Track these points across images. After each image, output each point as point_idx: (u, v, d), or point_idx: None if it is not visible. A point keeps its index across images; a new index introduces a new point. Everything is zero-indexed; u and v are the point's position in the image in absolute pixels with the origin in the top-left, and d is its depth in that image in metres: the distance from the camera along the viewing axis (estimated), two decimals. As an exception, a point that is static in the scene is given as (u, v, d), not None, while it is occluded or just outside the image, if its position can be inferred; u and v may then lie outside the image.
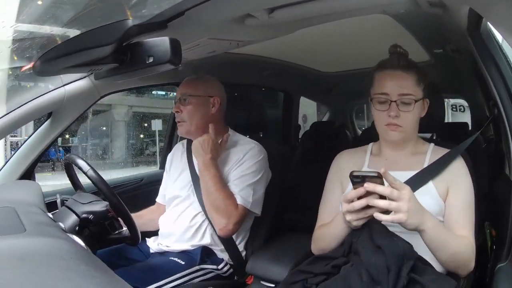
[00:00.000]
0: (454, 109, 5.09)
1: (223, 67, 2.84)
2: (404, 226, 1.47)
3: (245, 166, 2.28)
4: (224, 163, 2.32)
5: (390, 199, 1.43)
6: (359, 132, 5.46)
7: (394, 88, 1.74)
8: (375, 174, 1.43)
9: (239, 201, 2.20)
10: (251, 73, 3.46)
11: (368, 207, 1.47)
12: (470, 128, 3.70)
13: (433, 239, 1.53)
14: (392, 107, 1.73)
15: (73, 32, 1.69)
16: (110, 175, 3.46)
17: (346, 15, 1.87)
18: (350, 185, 1.81)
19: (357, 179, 1.46)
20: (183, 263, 2.17)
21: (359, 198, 1.47)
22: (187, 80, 2.44)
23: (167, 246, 2.31)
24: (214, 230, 2.26)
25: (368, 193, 1.45)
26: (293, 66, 3.52)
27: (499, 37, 1.87)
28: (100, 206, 1.90)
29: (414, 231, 1.51)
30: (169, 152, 2.73)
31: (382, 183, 1.44)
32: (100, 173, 1.91)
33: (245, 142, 2.41)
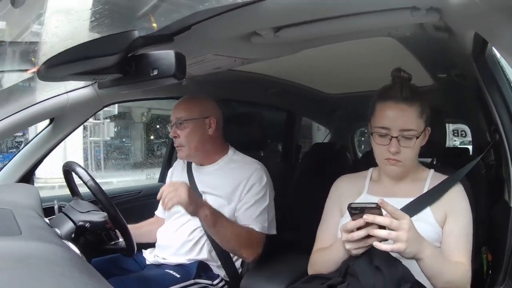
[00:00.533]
0: (456, 134, 5.11)
1: (227, 84, 2.85)
2: (402, 255, 1.46)
3: (255, 191, 2.27)
4: (229, 184, 2.30)
5: (390, 228, 1.42)
6: (360, 155, 5.46)
7: (396, 123, 1.68)
8: (374, 205, 1.43)
9: (257, 228, 2.22)
10: (254, 91, 3.46)
11: (368, 236, 1.46)
12: (471, 153, 3.71)
13: (429, 267, 1.52)
14: (393, 143, 1.68)
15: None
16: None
17: (351, 37, 1.88)
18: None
19: (356, 211, 1.46)
20: (178, 276, 2.16)
21: (359, 228, 1.47)
22: (180, 103, 2.41)
23: (164, 259, 2.30)
24: (212, 245, 2.26)
25: (367, 223, 1.44)
26: (297, 86, 3.52)
27: (503, 62, 1.88)
28: (98, 216, 1.89)
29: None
30: (168, 167, 2.73)
31: (381, 214, 1.44)
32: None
33: (248, 162, 2.39)
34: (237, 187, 2.28)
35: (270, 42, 1.78)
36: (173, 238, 2.31)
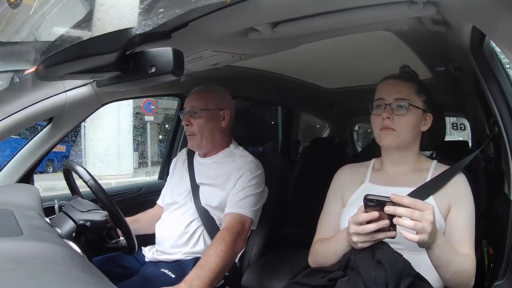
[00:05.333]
0: (455, 128, 5.11)
1: (225, 80, 2.84)
2: (421, 246, 1.46)
3: (245, 179, 2.27)
4: (222, 174, 2.32)
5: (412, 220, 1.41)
6: (359, 149, 5.46)
7: (391, 93, 1.77)
8: (389, 200, 1.43)
9: (239, 211, 2.18)
10: (252, 87, 3.46)
11: (376, 231, 1.47)
12: (470, 146, 3.71)
13: (439, 257, 1.52)
14: (386, 110, 1.76)
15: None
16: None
17: (349, 31, 1.88)
18: (351, 200, 1.82)
19: (371, 203, 1.45)
20: (173, 276, 2.17)
21: (369, 222, 1.47)
22: (197, 92, 2.43)
23: (162, 252, 2.33)
24: (210, 237, 2.27)
25: (380, 218, 1.45)
26: (295, 81, 3.52)
27: (501, 55, 1.88)
28: (99, 215, 1.89)
29: (415, 249, 1.50)
30: (168, 165, 2.75)
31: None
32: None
33: (245, 155, 2.41)
34: (229, 176, 2.30)
35: (267, 37, 1.78)
36: (170, 230, 2.34)
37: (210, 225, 2.29)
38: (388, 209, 1.42)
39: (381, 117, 1.76)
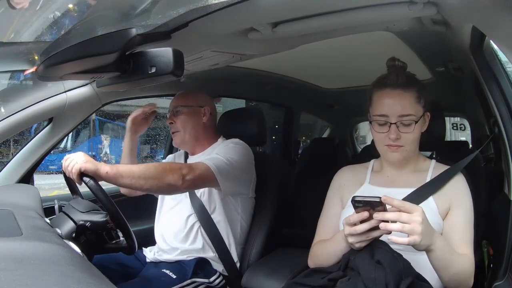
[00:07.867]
0: (455, 128, 5.11)
1: (225, 80, 2.85)
2: (417, 248, 1.45)
3: (224, 147, 2.38)
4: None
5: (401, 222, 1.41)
6: (359, 149, 5.46)
7: (394, 109, 1.69)
8: (378, 199, 1.42)
9: (203, 161, 2.20)
10: (252, 87, 3.46)
11: (371, 230, 1.46)
12: (470, 146, 3.71)
13: (439, 259, 1.51)
14: (392, 130, 1.69)
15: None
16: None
17: (349, 32, 1.87)
18: (350, 203, 1.81)
19: (359, 204, 1.46)
20: (174, 277, 2.19)
21: (362, 221, 1.47)
22: (178, 95, 2.59)
23: (163, 251, 2.37)
24: (206, 233, 2.32)
25: (371, 217, 1.44)
26: (295, 81, 3.52)
27: (501, 55, 1.87)
28: (99, 216, 1.88)
29: (415, 249, 1.49)
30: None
31: (385, 209, 1.44)
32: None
33: (231, 140, 2.48)
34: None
35: (267, 37, 1.78)
36: (168, 226, 2.40)
37: (206, 220, 2.33)
38: (377, 215, 1.42)
39: (387, 136, 1.72)
